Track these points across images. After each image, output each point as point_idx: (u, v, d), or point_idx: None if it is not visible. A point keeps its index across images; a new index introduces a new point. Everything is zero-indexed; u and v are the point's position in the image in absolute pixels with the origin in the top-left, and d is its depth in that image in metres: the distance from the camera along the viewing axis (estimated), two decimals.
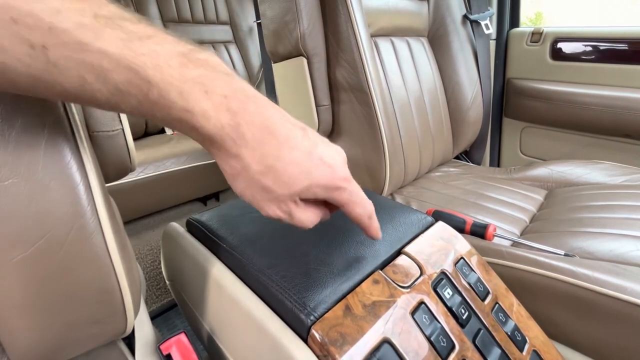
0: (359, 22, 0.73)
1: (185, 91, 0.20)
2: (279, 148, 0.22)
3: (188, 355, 0.31)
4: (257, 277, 0.32)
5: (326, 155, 0.24)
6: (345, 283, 0.31)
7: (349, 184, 0.25)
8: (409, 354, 0.28)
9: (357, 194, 0.26)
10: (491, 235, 0.58)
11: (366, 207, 0.27)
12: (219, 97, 0.21)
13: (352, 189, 0.26)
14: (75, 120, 0.25)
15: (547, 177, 0.91)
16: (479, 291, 0.36)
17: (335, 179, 0.24)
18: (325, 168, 0.24)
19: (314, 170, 0.23)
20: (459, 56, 1.00)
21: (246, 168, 0.23)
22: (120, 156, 0.46)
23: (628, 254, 0.53)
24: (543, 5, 1.64)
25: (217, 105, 0.21)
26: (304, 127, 0.24)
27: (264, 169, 0.23)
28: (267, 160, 0.22)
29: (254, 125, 0.22)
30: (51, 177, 0.23)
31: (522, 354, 0.34)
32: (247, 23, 1.83)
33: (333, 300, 0.29)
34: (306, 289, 0.30)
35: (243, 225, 0.38)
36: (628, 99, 0.97)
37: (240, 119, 0.21)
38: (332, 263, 0.33)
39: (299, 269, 0.32)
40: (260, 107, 0.22)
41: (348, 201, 0.26)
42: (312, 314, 0.27)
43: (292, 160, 0.23)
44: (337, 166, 0.25)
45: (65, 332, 0.27)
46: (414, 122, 0.90)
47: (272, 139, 0.22)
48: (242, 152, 0.22)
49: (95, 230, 0.25)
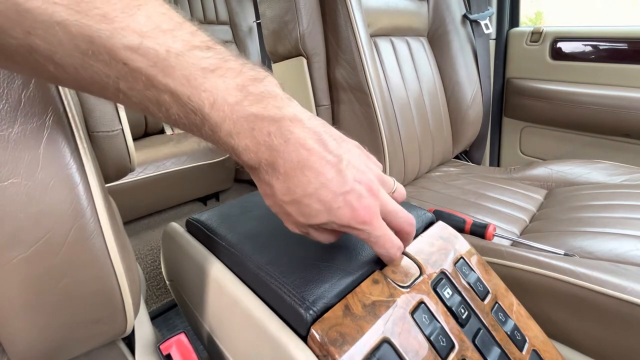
0: (359, 22, 0.73)
1: (234, 131, 0.21)
2: (308, 185, 0.23)
3: (188, 355, 0.31)
4: (256, 273, 0.32)
5: (352, 195, 0.24)
6: (345, 278, 0.30)
7: (368, 227, 0.25)
8: (409, 353, 0.28)
9: (378, 236, 0.26)
10: (491, 235, 0.58)
11: (388, 250, 0.28)
12: (264, 135, 0.22)
13: (372, 232, 0.26)
14: (75, 121, 0.25)
15: (547, 177, 0.91)
16: (479, 291, 0.36)
17: (354, 221, 0.25)
18: (347, 210, 0.24)
19: (335, 211, 0.24)
20: (459, 56, 1.00)
21: (274, 195, 0.25)
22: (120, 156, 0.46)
23: (628, 254, 0.53)
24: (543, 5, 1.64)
25: (259, 143, 0.22)
26: (339, 161, 0.24)
27: (289, 200, 0.24)
28: (293, 193, 0.24)
29: (290, 161, 0.23)
30: (51, 177, 0.23)
31: (522, 354, 0.34)
32: (246, 23, 1.83)
33: (332, 295, 0.29)
34: (305, 283, 0.29)
35: (242, 224, 0.38)
36: (628, 98, 0.98)
37: (277, 155, 0.23)
38: (332, 259, 0.32)
39: (298, 265, 0.32)
40: (303, 140, 0.23)
41: (366, 240, 0.27)
42: (311, 308, 0.27)
43: (317, 198, 0.24)
44: (362, 208, 0.25)
45: (65, 332, 0.27)
46: (413, 121, 0.90)
47: (303, 175, 0.23)
48: (274, 182, 0.24)
49: (95, 231, 0.25)
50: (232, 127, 0.21)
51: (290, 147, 0.23)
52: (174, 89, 0.19)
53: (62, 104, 0.24)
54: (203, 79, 0.20)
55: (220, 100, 0.20)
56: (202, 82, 0.20)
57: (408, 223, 0.29)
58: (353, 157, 0.26)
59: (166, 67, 0.19)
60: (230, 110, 0.21)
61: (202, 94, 0.20)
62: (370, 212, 0.25)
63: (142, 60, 0.18)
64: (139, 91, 0.19)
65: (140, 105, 0.20)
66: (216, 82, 0.20)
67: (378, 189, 0.26)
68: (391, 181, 0.30)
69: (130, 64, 0.18)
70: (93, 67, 0.18)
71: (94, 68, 0.18)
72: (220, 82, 0.20)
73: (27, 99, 0.22)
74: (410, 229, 0.29)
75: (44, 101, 0.23)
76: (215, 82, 0.20)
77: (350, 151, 0.26)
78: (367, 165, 0.27)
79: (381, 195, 0.27)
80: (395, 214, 0.28)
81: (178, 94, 0.19)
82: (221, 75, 0.21)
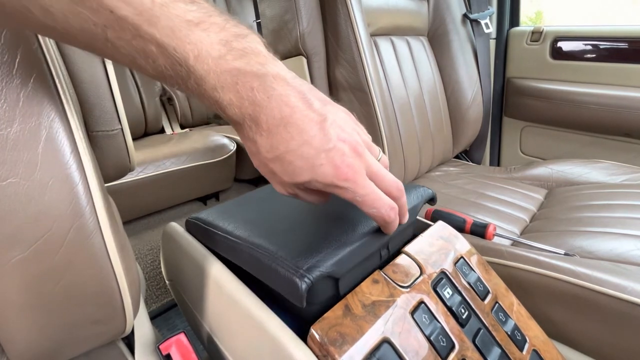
0: (359, 21, 0.73)
1: (218, 85, 0.22)
2: (290, 141, 0.24)
3: (187, 355, 0.31)
4: (250, 252, 0.31)
5: (335, 153, 0.24)
6: (341, 248, 0.30)
7: (351, 185, 0.25)
8: (409, 353, 0.28)
9: (364, 194, 0.26)
10: (491, 235, 0.58)
11: (379, 209, 0.27)
12: (247, 90, 0.22)
13: (356, 190, 0.25)
14: (74, 120, 0.25)
15: (547, 177, 0.91)
16: (479, 291, 0.36)
17: (336, 179, 0.25)
18: (329, 167, 0.24)
19: (317, 168, 0.24)
20: (459, 55, 1.00)
21: (258, 152, 0.25)
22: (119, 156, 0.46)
23: (628, 253, 0.53)
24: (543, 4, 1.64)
25: (243, 97, 0.23)
26: (323, 119, 0.24)
27: (272, 157, 0.25)
28: (277, 150, 0.24)
29: (273, 117, 0.23)
30: (50, 176, 0.23)
31: (522, 354, 0.34)
32: (246, 22, 1.83)
33: (328, 264, 0.28)
34: (299, 254, 0.29)
35: (239, 215, 0.38)
36: (628, 98, 0.97)
37: (260, 111, 0.23)
38: (328, 232, 0.32)
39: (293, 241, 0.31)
40: (285, 98, 0.23)
41: (353, 200, 0.26)
42: (305, 275, 0.27)
43: (300, 154, 0.24)
44: (345, 166, 0.24)
45: (64, 332, 0.27)
46: (413, 121, 0.90)
47: (286, 131, 0.24)
48: (257, 138, 0.24)
49: (94, 231, 0.25)
50: (216, 81, 0.22)
51: (273, 103, 0.23)
52: (159, 40, 0.20)
53: (61, 103, 0.24)
54: (187, 31, 0.20)
55: (204, 53, 0.21)
56: (187, 34, 0.20)
57: (396, 187, 0.28)
58: (338, 118, 0.26)
59: (151, 17, 0.19)
60: (214, 63, 0.21)
61: (187, 46, 0.20)
62: (354, 170, 0.25)
63: (128, 9, 0.19)
64: (127, 41, 0.19)
65: (129, 57, 0.20)
66: (200, 36, 0.21)
67: (363, 150, 0.26)
68: (377, 149, 0.29)
69: (116, 11, 0.18)
70: (81, 14, 0.18)
71: (82, 15, 0.18)
72: (204, 36, 0.21)
73: (25, 98, 0.22)
74: (398, 193, 0.28)
75: (42, 100, 0.23)
76: (199, 36, 0.21)
77: (335, 113, 0.26)
78: (353, 128, 0.27)
79: (366, 157, 0.26)
80: (381, 176, 0.27)
81: (164, 45, 0.20)
82: (205, 29, 0.21)
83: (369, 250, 0.32)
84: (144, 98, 1.57)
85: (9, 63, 0.22)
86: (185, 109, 1.74)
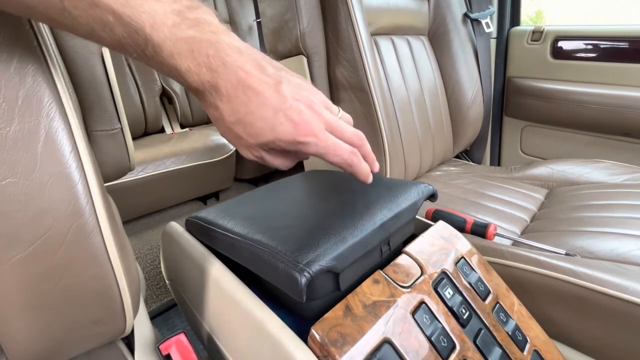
0: (359, 20, 0.73)
1: (174, 51, 0.23)
2: (249, 103, 0.25)
3: (187, 355, 0.31)
4: (250, 250, 0.31)
5: (292, 111, 0.26)
6: (340, 244, 0.30)
7: (312, 139, 0.26)
8: (410, 354, 0.27)
9: (327, 146, 0.27)
10: (492, 235, 0.58)
11: (341, 155, 0.28)
12: (203, 56, 0.24)
13: (318, 143, 0.26)
14: (73, 119, 0.25)
15: (547, 176, 0.91)
16: (480, 291, 0.36)
17: (297, 135, 0.26)
18: (288, 125, 0.26)
19: (277, 127, 0.26)
20: (460, 55, 1.00)
21: (222, 117, 0.26)
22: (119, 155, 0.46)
23: (629, 253, 0.53)
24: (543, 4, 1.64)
25: (200, 64, 0.24)
26: (278, 82, 0.26)
27: (234, 120, 0.26)
28: (238, 113, 0.26)
29: (230, 82, 0.25)
30: (49, 176, 0.23)
31: (523, 354, 0.33)
32: (246, 22, 1.82)
33: (327, 259, 0.28)
34: (298, 249, 0.29)
35: (238, 213, 0.38)
36: (629, 97, 0.97)
37: (218, 77, 0.24)
38: (327, 227, 0.32)
39: (292, 237, 0.31)
40: (240, 64, 0.25)
41: (316, 153, 0.27)
42: (305, 270, 0.27)
43: (259, 115, 0.25)
44: (303, 122, 0.26)
45: (64, 332, 0.27)
46: (414, 121, 0.90)
47: (244, 95, 0.25)
48: (219, 104, 0.26)
49: (94, 230, 0.25)
50: (172, 48, 0.23)
51: (229, 69, 0.24)
52: (115, 9, 0.21)
53: (61, 103, 0.24)
54: (142, 1, 0.21)
55: (159, 22, 0.22)
56: (141, 4, 0.21)
57: (356, 136, 0.29)
58: (293, 82, 0.27)
59: None
60: (170, 32, 0.22)
61: (142, 15, 0.21)
62: (312, 125, 0.26)
63: None
64: (84, 10, 0.20)
65: (87, 28, 0.21)
66: (154, 6, 0.22)
67: (320, 108, 0.27)
68: (336, 108, 0.30)
69: None
70: None
71: None
72: (158, 6, 0.22)
73: (24, 97, 0.22)
74: (359, 141, 0.29)
75: (42, 99, 0.23)
76: (153, 6, 0.22)
77: (289, 78, 0.27)
78: (307, 90, 0.28)
79: (323, 113, 0.27)
80: (340, 129, 0.28)
81: (119, 14, 0.21)
82: (158, 0, 0.22)
83: (369, 245, 0.32)
84: (144, 97, 1.57)
85: (7, 62, 0.22)
86: (185, 108, 1.74)
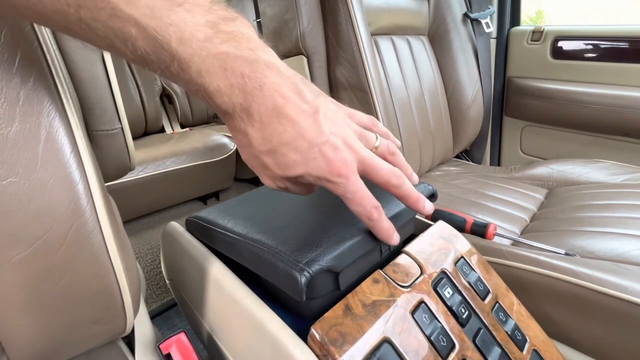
0: (359, 20, 0.73)
1: (204, 69, 0.20)
2: (283, 133, 0.23)
3: (188, 355, 0.31)
4: (250, 249, 0.31)
5: (328, 147, 0.24)
6: (340, 243, 0.30)
7: (343, 180, 0.24)
8: (409, 353, 0.27)
9: (354, 192, 0.25)
10: (491, 235, 0.58)
11: (365, 207, 0.26)
12: (237, 76, 0.21)
13: (347, 186, 0.25)
14: (74, 119, 0.25)
15: (547, 176, 0.91)
16: (479, 290, 0.36)
17: (329, 174, 0.24)
18: (322, 161, 0.24)
19: (310, 162, 0.24)
20: (460, 55, 1.00)
21: (250, 145, 0.24)
22: (119, 155, 0.46)
23: (629, 253, 0.53)
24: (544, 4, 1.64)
25: (233, 85, 0.21)
26: (316, 112, 0.24)
27: (266, 149, 0.24)
28: (270, 142, 0.23)
29: (265, 107, 0.22)
30: (50, 176, 0.23)
31: (523, 354, 0.34)
32: None
33: (328, 258, 0.28)
34: (299, 249, 0.29)
35: (239, 212, 0.38)
36: (628, 97, 0.97)
37: (252, 101, 0.22)
38: (327, 227, 0.32)
39: (292, 236, 0.31)
40: (277, 87, 0.22)
41: (343, 196, 0.26)
42: (305, 269, 0.27)
43: (293, 147, 0.23)
44: (338, 160, 0.24)
45: (64, 331, 0.27)
46: (414, 120, 0.90)
47: (279, 123, 0.23)
48: (249, 130, 0.23)
49: (95, 230, 0.25)
50: (202, 65, 0.20)
51: (266, 92, 0.22)
52: (138, 20, 0.18)
53: (61, 102, 0.24)
54: (169, 11, 0.19)
55: (188, 35, 0.20)
56: (168, 15, 0.19)
57: (394, 175, 0.27)
58: (329, 110, 0.25)
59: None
60: (199, 47, 0.20)
61: (169, 28, 0.19)
62: (347, 165, 0.24)
63: None
64: (102, 22, 0.18)
65: (106, 40, 0.19)
66: (184, 17, 0.19)
67: (355, 143, 0.26)
68: (373, 137, 0.28)
69: None
70: None
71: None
72: (189, 17, 0.20)
73: (25, 97, 0.22)
74: (397, 181, 0.27)
75: (42, 99, 0.23)
76: (183, 16, 0.19)
77: (326, 105, 0.25)
78: (343, 120, 0.26)
79: (359, 149, 0.25)
80: (376, 167, 0.26)
81: (144, 26, 0.19)
82: (189, 10, 0.20)
83: (369, 245, 0.32)
84: (144, 97, 1.57)
85: (8, 62, 0.22)
86: (186, 108, 1.74)
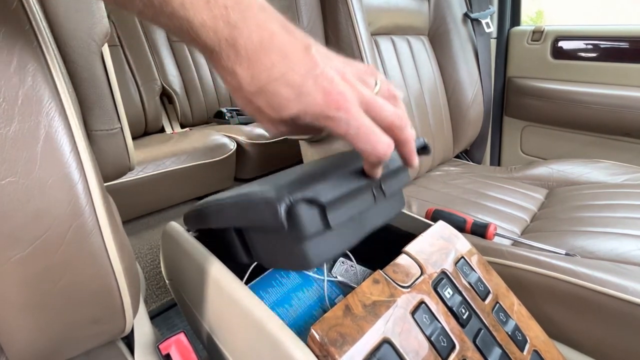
0: (359, 20, 0.73)
1: (186, 0, 0.19)
2: (272, 68, 0.21)
3: (187, 355, 0.31)
4: (234, 203, 0.30)
5: (324, 77, 0.21)
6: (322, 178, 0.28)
7: (343, 114, 0.21)
8: (409, 354, 0.27)
9: (358, 126, 0.22)
10: (492, 235, 0.58)
11: (374, 145, 0.22)
12: (220, 8, 0.20)
13: (349, 120, 0.22)
14: (73, 119, 0.25)
15: (547, 176, 0.91)
16: (480, 291, 0.36)
17: (327, 107, 0.21)
18: (318, 95, 0.21)
19: (304, 97, 0.21)
20: (460, 55, 1.00)
21: (240, 86, 0.22)
22: (119, 155, 0.46)
23: (629, 254, 0.53)
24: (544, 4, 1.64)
25: (216, 17, 0.20)
26: (307, 47, 0.22)
27: (255, 90, 0.22)
28: (259, 81, 0.21)
29: (251, 40, 0.21)
30: (49, 175, 0.23)
31: (523, 354, 0.33)
32: None
33: (310, 189, 0.27)
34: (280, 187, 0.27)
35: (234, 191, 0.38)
36: (629, 97, 0.97)
37: (237, 33, 0.20)
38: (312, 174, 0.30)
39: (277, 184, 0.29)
40: (263, 20, 0.21)
41: (346, 134, 0.22)
42: (284, 196, 0.25)
43: (284, 82, 0.21)
44: (335, 92, 0.21)
45: (63, 331, 0.27)
46: (414, 120, 0.90)
47: (267, 57, 0.21)
48: (237, 69, 0.21)
49: (94, 230, 0.25)
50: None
51: (251, 25, 0.21)
52: None
53: (61, 102, 0.24)
54: None
55: None
56: None
57: (397, 116, 0.24)
58: (322, 48, 0.23)
59: None
60: None
61: None
62: (345, 97, 0.22)
63: None
64: None
65: None
66: None
67: (354, 81, 0.23)
68: (372, 80, 0.25)
69: None
70: None
71: None
72: None
73: (24, 97, 0.22)
74: (400, 122, 0.24)
75: (42, 99, 0.23)
76: None
77: (318, 44, 0.23)
78: (338, 59, 0.24)
79: (359, 88, 0.23)
80: (380, 106, 0.23)
81: None
82: None
83: (354, 182, 0.29)
84: (144, 97, 1.57)
85: (7, 61, 0.22)
86: (186, 108, 1.74)
